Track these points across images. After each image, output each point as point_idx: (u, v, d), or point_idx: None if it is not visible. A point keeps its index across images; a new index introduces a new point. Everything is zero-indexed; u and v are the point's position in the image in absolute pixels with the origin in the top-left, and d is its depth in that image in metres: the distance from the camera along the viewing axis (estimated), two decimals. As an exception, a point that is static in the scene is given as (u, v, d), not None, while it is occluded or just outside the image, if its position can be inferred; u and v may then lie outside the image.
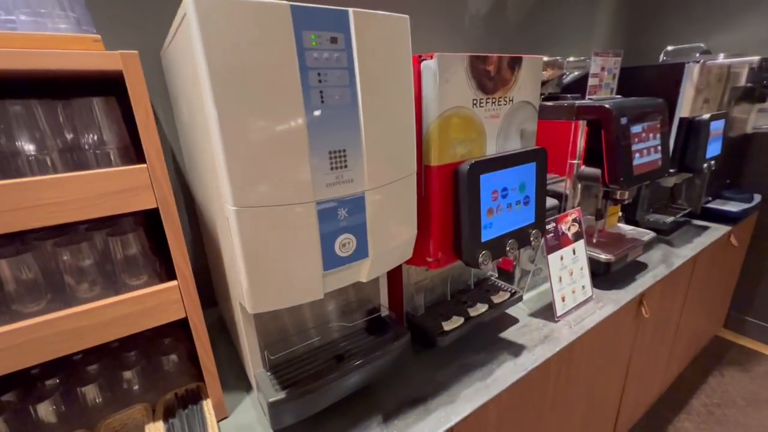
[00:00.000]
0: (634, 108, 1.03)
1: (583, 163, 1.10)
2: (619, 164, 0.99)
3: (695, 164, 1.35)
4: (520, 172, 0.75)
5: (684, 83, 1.30)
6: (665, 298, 1.32)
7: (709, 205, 1.63)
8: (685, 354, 1.69)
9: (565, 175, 1.13)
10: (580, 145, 1.08)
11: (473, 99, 0.68)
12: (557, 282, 0.97)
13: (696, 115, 1.33)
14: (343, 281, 0.61)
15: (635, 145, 1.03)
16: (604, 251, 1.12)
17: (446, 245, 0.73)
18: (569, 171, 1.12)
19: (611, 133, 0.99)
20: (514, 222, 0.77)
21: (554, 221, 0.97)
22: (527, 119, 0.79)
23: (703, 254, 1.41)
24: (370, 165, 0.56)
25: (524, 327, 0.96)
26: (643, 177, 1.06)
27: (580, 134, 1.08)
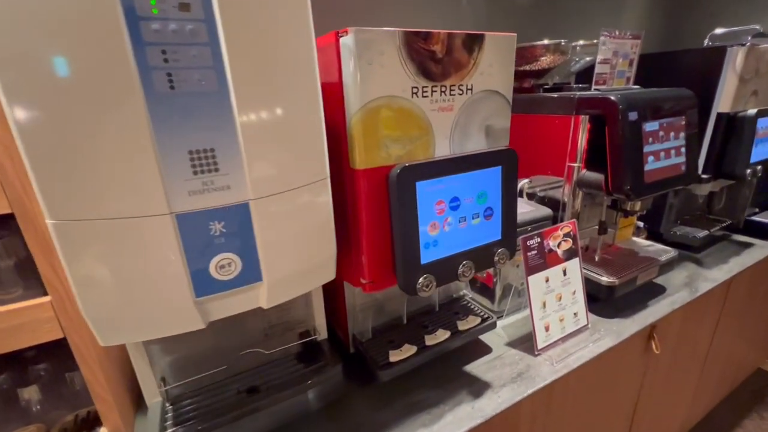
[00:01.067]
0: (648, 101, 0.84)
1: (585, 166, 0.92)
2: (625, 169, 0.81)
3: (736, 169, 1.12)
4: (478, 179, 0.61)
5: (725, 71, 1.07)
6: (688, 329, 1.11)
7: (754, 218, 1.38)
8: (715, 391, 1.45)
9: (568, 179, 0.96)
10: (581, 145, 0.91)
11: (413, 87, 0.55)
12: (539, 308, 0.81)
13: (739, 110, 1.10)
14: (232, 308, 0.50)
15: (649, 146, 0.84)
16: (608, 272, 0.94)
17: (383, 265, 0.60)
18: (568, 175, 0.95)
19: (616, 131, 0.81)
20: (471, 239, 0.63)
21: (539, 236, 0.81)
22: (495, 113, 0.64)
23: (741, 277, 1.18)
24: (253, 168, 0.44)
25: (497, 359, 0.81)
26: (658, 185, 0.87)
27: (581, 132, 0.90)
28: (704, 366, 1.29)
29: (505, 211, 0.65)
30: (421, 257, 0.57)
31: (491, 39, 0.59)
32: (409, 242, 0.56)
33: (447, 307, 0.85)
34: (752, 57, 1.06)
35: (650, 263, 0.98)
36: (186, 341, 0.60)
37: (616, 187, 0.84)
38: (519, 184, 1.07)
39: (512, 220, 0.67)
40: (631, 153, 0.81)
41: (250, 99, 0.42)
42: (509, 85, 0.64)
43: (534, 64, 1.01)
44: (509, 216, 0.66)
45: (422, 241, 0.57)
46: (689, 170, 0.93)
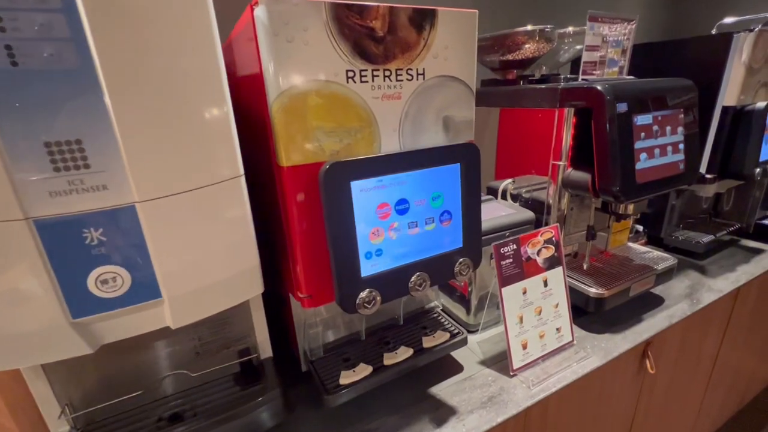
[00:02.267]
0: (640, 91, 0.75)
1: (571, 164, 0.83)
2: (613, 168, 0.72)
3: (743, 168, 1.02)
4: (432, 179, 0.53)
5: (730, 60, 0.97)
6: (688, 345, 1.01)
7: (765, 221, 1.27)
8: (720, 411, 1.34)
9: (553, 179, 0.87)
10: (566, 142, 0.82)
11: (348, 71, 0.47)
12: (515, 324, 0.73)
13: (746, 104, 1.00)
14: (130, 329, 0.43)
15: (641, 141, 0.75)
16: (597, 282, 0.85)
17: (323, 278, 0.52)
18: (553, 175, 0.86)
19: (602, 125, 0.72)
20: (425, 248, 0.54)
21: (514, 242, 0.72)
22: (454, 103, 0.56)
23: (750, 287, 1.07)
24: (137, 165, 0.37)
25: (467, 380, 0.73)
26: (653, 186, 0.77)
27: (566, 127, 0.81)
28: (708, 384, 1.18)
29: (466, 216, 0.57)
30: (361, 269, 0.49)
31: (446, 16, 0.51)
32: (346, 252, 0.48)
33: (414, 321, 0.77)
34: (761, 44, 0.96)
35: (646, 272, 0.88)
36: (97, 362, 0.53)
37: (603, 188, 0.75)
38: (502, 185, 0.98)
39: (475, 226, 0.58)
40: (620, 149, 0.72)
41: (126, 78, 0.35)
42: (471, 71, 0.56)
43: (517, 53, 0.92)
44: (472, 221, 0.57)
45: (362, 251, 0.49)
46: (689, 169, 0.83)
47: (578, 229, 0.92)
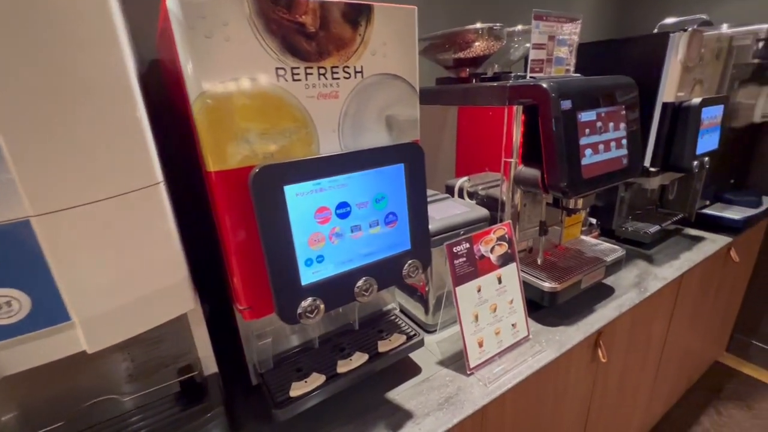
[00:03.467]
0: (584, 88, 0.77)
1: (522, 161, 0.84)
2: (560, 164, 0.74)
3: (682, 162, 1.07)
4: (375, 180, 0.51)
5: (668, 59, 1.02)
6: (638, 332, 1.05)
7: (705, 211, 1.35)
8: (672, 391, 1.42)
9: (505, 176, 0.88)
10: (517, 139, 0.83)
11: (278, 68, 0.44)
12: (471, 322, 0.73)
13: (683, 100, 1.05)
14: (38, 357, 0.39)
15: (586, 138, 0.76)
16: (550, 276, 0.86)
17: (263, 288, 0.49)
18: (505, 172, 0.86)
19: (549, 122, 0.73)
20: (370, 251, 0.53)
21: (467, 241, 0.72)
22: (397, 101, 0.54)
23: (693, 274, 1.13)
24: (28, 173, 0.33)
25: (425, 382, 0.72)
26: (599, 180, 0.80)
27: (516, 124, 0.82)
28: (659, 366, 1.25)
29: (413, 216, 0.55)
30: (301, 277, 0.47)
31: (382, 12, 0.49)
32: (283, 260, 0.45)
33: (371, 324, 0.75)
34: (695, 44, 1.01)
35: (596, 264, 0.91)
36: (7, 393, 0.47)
37: (552, 184, 0.76)
38: (458, 183, 0.98)
39: (422, 226, 0.57)
40: (567, 146, 0.73)
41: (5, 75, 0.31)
42: (413, 69, 0.55)
43: (467, 51, 0.92)
44: (419, 221, 0.56)
45: (301, 258, 0.47)
46: (632, 163, 0.87)
47: (532, 225, 0.93)
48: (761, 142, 1.47)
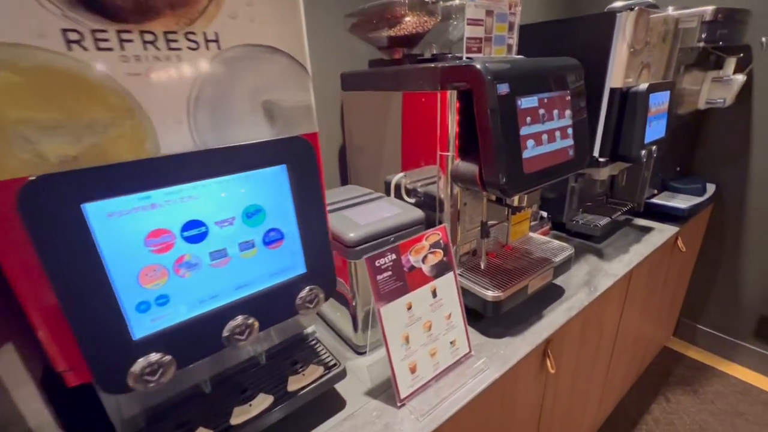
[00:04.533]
0: (523, 71, 0.67)
1: (459, 155, 0.74)
2: (497, 158, 0.64)
3: (631, 151, 1.02)
4: (241, 188, 0.38)
5: (615, 40, 0.95)
6: (589, 331, 1.00)
7: (653, 200, 1.33)
8: (624, 380, 1.41)
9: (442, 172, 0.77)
10: (453, 129, 0.72)
11: (65, 31, 0.30)
12: (399, 346, 0.62)
13: (631, 85, 0.99)
14: None
15: (527, 127, 0.67)
16: (495, 283, 0.78)
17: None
18: (441, 167, 0.76)
19: (484, 109, 0.63)
20: (245, 282, 0.40)
21: (393, 252, 0.61)
22: (278, 82, 0.41)
23: (642, 266, 1.10)
24: None
25: (348, 419, 0.61)
26: (543, 175, 0.71)
27: (450, 112, 0.71)
28: (611, 361, 1.22)
29: (307, 231, 0.43)
30: (132, 328, 0.34)
31: (241, -44, 0.36)
32: (94, 308, 0.32)
33: (284, 354, 0.63)
34: (642, 24, 0.95)
35: (544, 266, 0.83)
36: None
37: (489, 181, 0.66)
38: (394, 179, 0.87)
39: (322, 243, 0.45)
40: (505, 136, 0.64)
41: None
42: (298, 39, 0.42)
43: (398, 28, 0.80)
44: (316, 237, 0.44)
45: (129, 302, 0.33)
46: (579, 155, 0.79)
47: (475, 225, 0.84)
48: (705, 129, 1.47)
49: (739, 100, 1.30)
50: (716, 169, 1.48)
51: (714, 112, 1.42)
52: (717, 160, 1.48)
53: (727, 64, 1.27)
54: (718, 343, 1.64)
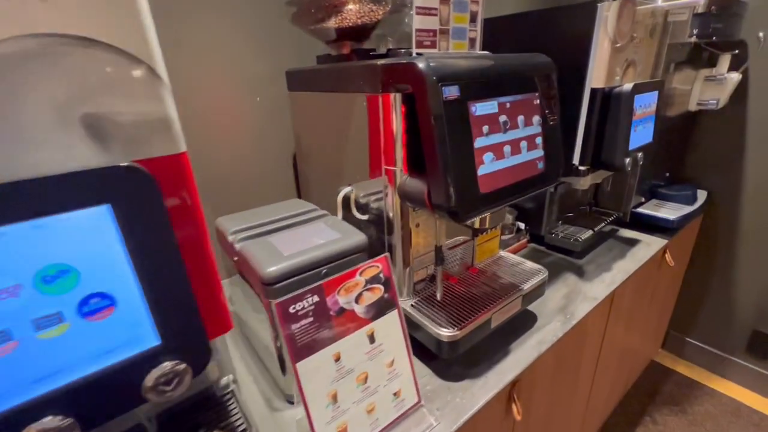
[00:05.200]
0: (480, 69, 0.56)
1: (407, 169, 0.63)
2: (444, 175, 0.52)
3: (614, 158, 0.91)
4: (29, 243, 0.26)
5: (596, 35, 0.84)
6: (565, 363, 0.90)
7: (640, 210, 1.23)
8: (608, 401, 1.32)
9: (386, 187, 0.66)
10: (399, 139, 0.61)
11: None
12: (325, 407, 0.51)
13: (614, 86, 0.88)
14: None
15: (484, 138, 0.56)
16: (451, 318, 0.67)
17: None
18: (389, 182, 0.65)
19: (426, 118, 0.51)
20: (49, 373, 0.29)
21: (315, 293, 0.50)
22: (110, 90, 0.30)
23: (626, 286, 0.99)
24: None
25: (261, 498, 0.50)
26: (505, 193, 0.60)
27: (395, 118, 0.60)
28: (592, 387, 1.12)
29: (156, 290, 0.32)
30: None
31: None
32: None
33: (183, 418, 0.52)
34: (626, 16, 0.84)
35: (511, 294, 0.73)
36: None
37: (436, 203, 0.55)
38: (341, 193, 0.76)
39: (184, 301, 0.34)
40: (454, 150, 0.52)
41: None
42: (138, 29, 0.30)
43: (340, 18, 0.68)
44: (173, 294, 0.33)
45: None
46: (551, 167, 0.68)
47: (430, 249, 0.73)
48: (696, 132, 1.37)
49: (733, 100, 1.20)
50: (708, 175, 1.38)
51: (706, 114, 1.32)
52: (709, 166, 1.38)
53: (721, 61, 1.16)
54: (709, 357, 1.55)
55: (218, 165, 0.93)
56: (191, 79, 0.84)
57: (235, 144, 0.94)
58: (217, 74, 0.88)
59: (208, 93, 0.88)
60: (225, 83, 0.89)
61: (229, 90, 0.90)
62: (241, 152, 0.95)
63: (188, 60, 0.83)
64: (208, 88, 0.87)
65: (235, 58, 0.89)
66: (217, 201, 0.95)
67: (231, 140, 0.93)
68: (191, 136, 0.92)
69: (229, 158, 0.94)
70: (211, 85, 0.87)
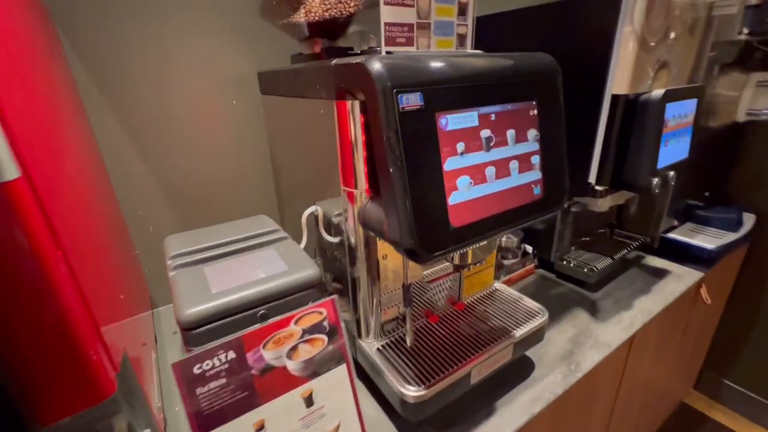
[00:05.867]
0: (452, 71, 0.44)
1: (370, 191, 0.52)
2: (402, 203, 0.41)
3: (637, 178, 0.77)
4: None
5: (619, 30, 0.70)
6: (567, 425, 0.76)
7: (671, 235, 1.06)
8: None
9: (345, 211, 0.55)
10: (359, 154, 0.50)
11: None
12: (239, 490, 0.41)
13: (641, 92, 0.74)
14: None
15: (458, 158, 0.44)
16: (420, 371, 0.55)
17: None
18: (348, 205, 0.54)
19: (378, 132, 0.40)
20: None
21: (232, 348, 0.40)
22: None
23: (648, 328, 0.84)
24: None
25: None
26: (486, 226, 0.48)
27: (353, 130, 0.49)
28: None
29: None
30: None
31: None
32: None
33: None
34: (659, 9, 0.69)
35: (499, 342, 0.60)
36: None
37: (392, 238, 0.44)
38: (306, 212, 0.66)
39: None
40: (414, 172, 0.41)
41: None
42: None
43: (304, 11, 0.59)
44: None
45: None
46: (552, 192, 0.55)
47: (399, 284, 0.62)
48: (744, 146, 1.18)
49: (791, 110, 1.01)
50: (757, 196, 1.19)
51: (758, 125, 1.13)
52: (759, 185, 1.18)
53: (778, 63, 0.99)
54: (749, 403, 1.35)
55: (192, 174, 0.86)
56: (160, 81, 0.77)
57: (210, 151, 0.86)
58: (190, 74, 0.80)
59: (180, 95, 0.80)
60: (198, 84, 0.81)
61: (203, 91, 0.83)
62: (217, 160, 0.87)
63: (156, 60, 0.76)
64: (179, 90, 0.80)
65: (209, 56, 0.81)
66: (189, 213, 0.87)
67: (205, 146, 0.86)
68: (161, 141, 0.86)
69: (204, 166, 0.87)
70: (182, 86, 0.80)
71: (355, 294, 0.59)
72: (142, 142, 0.79)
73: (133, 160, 0.79)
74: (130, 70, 0.74)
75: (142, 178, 0.81)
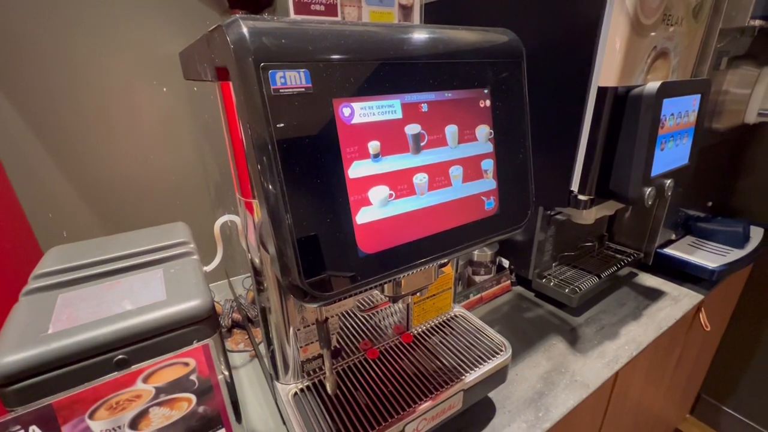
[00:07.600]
0: (366, 44, 0.32)
1: (271, 202, 0.40)
2: (278, 224, 0.30)
3: (626, 187, 0.65)
4: None
5: (608, 10, 0.58)
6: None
7: (669, 251, 0.94)
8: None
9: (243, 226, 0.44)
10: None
11: None
12: None
13: (633, 85, 0.62)
14: None
15: (367, 162, 0.33)
16: (341, 421, 0.44)
17: None
18: (248, 218, 0.43)
19: (245, 122, 0.29)
20: None
21: (33, 420, 0.29)
22: None
23: (637, 361, 0.73)
24: None
25: None
26: (414, 252, 0.36)
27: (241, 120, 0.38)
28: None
29: None
30: None
31: None
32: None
33: None
34: (656, -15, 0.57)
35: (448, 387, 0.49)
36: None
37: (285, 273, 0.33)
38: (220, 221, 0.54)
39: None
40: (297, 180, 0.30)
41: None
42: None
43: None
44: None
45: None
46: (511, 205, 0.43)
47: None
48: (754, 151, 1.06)
49: (809, 111, 0.89)
50: (766, 207, 1.06)
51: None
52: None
53: (796, 57, 0.86)
54: (750, 433, 1.23)
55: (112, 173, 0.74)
56: (77, 62, 0.66)
57: (134, 146, 0.75)
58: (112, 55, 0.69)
59: (102, 81, 0.69)
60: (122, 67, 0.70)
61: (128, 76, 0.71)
62: (143, 156, 0.76)
63: (74, 39, 0.64)
64: (101, 74, 0.68)
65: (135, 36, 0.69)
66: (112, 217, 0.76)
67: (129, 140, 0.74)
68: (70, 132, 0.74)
69: (127, 164, 0.75)
70: (105, 70, 0.68)
71: (266, 326, 0.48)
72: (47, 134, 0.68)
73: (37, 156, 0.68)
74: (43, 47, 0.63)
75: (49, 177, 0.70)
